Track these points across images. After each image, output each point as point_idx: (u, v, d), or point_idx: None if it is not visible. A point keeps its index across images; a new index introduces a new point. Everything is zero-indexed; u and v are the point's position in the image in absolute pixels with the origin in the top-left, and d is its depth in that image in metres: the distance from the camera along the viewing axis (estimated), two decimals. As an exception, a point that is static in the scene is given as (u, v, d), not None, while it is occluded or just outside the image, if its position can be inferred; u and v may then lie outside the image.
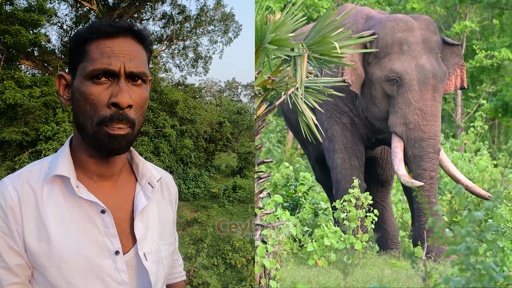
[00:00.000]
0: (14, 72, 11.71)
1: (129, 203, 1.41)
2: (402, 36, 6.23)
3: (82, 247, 1.29)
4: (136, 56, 1.28)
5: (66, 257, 1.26)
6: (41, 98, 11.58)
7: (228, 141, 18.18)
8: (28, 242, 1.27)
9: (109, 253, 1.31)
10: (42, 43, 12.45)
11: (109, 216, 1.33)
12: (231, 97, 28.11)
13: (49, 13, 12.47)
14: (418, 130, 6.09)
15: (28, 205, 1.27)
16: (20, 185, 1.29)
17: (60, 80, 1.35)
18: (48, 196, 1.29)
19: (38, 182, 1.30)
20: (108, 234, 1.32)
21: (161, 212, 1.50)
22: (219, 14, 16.36)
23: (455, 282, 1.95)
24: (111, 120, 1.25)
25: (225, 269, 9.24)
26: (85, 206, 1.31)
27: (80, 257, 1.28)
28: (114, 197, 1.38)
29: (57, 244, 1.27)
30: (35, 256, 1.27)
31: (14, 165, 11.16)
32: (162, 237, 1.47)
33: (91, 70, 1.25)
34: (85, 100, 1.26)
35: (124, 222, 1.38)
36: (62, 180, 1.31)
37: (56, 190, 1.30)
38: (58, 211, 1.29)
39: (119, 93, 1.24)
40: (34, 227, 1.27)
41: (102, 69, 1.24)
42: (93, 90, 1.25)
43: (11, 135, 11.29)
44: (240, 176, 16.08)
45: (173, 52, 16.42)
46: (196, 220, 12.51)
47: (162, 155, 13.29)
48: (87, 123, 1.27)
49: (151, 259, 1.40)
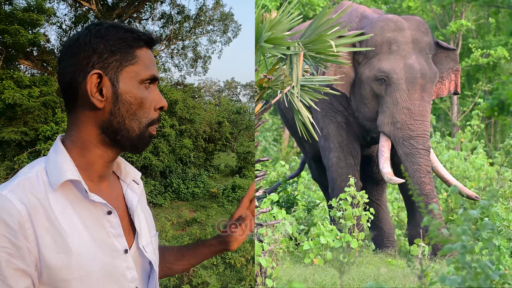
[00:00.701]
0: (13, 72, 11.72)
1: (121, 201, 1.44)
2: (391, 36, 6.26)
3: (98, 251, 1.27)
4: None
5: (87, 265, 1.23)
6: (40, 98, 11.59)
7: (227, 140, 18.21)
8: (46, 256, 1.19)
9: (118, 253, 1.32)
10: (41, 43, 12.48)
11: (116, 216, 1.33)
12: (230, 97, 28.19)
13: (48, 13, 12.49)
14: (406, 129, 6.11)
15: (37, 217, 1.19)
16: (25, 196, 1.19)
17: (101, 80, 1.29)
18: (55, 204, 1.23)
19: (41, 191, 1.23)
20: (115, 235, 1.33)
21: (143, 207, 1.55)
22: (218, 13, 16.39)
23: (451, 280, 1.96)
24: (158, 121, 1.39)
25: (224, 268, 9.25)
26: (92, 208, 1.29)
27: (99, 262, 1.26)
28: (111, 196, 1.39)
29: (77, 253, 1.22)
30: (55, 271, 1.20)
31: (13, 164, 11.16)
32: (150, 229, 1.52)
33: (147, 76, 1.34)
34: (139, 103, 1.33)
35: (123, 220, 1.39)
36: (73, 185, 1.27)
37: (61, 196, 1.25)
38: (69, 218, 1.24)
39: (162, 99, 1.38)
40: (50, 239, 1.20)
41: (153, 75, 1.35)
42: (146, 94, 1.34)
43: (10, 135, 11.31)
44: (239, 175, 16.11)
45: (172, 52, 16.47)
46: (195, 219, 12.53)
47: (161, 155, 13.31)
48: (134, 125, 1.33)
49: (149, 250, 1.45)
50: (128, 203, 1.44)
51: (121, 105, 1.30)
